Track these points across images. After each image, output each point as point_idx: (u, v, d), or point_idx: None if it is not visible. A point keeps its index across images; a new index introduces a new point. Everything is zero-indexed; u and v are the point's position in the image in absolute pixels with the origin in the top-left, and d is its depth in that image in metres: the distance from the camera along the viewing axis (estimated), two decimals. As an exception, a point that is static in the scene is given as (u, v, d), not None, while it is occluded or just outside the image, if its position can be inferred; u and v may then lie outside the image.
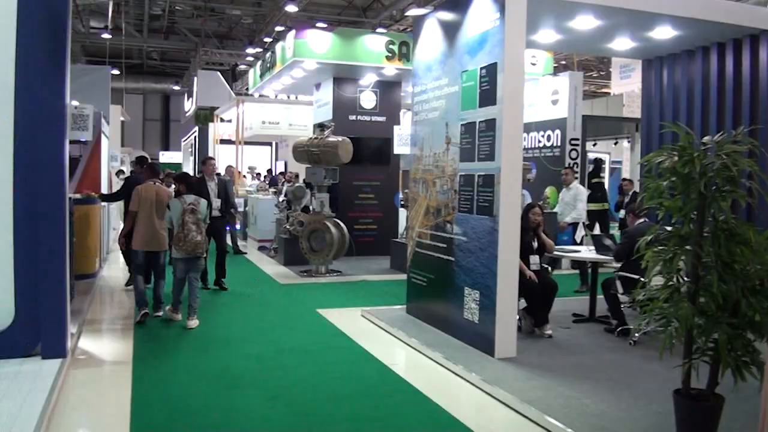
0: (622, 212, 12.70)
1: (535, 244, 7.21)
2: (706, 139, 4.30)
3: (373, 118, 13.87)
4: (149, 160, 9.91)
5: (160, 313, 7.88)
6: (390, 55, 12.66)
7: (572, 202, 10.48)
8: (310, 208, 12.17)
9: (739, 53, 8.06)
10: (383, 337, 7.22)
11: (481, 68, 6.45)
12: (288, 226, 11.88)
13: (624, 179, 13.31)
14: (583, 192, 10.59)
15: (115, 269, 10.02)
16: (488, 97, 6.33)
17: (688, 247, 4.12)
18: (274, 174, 23.05)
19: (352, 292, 9.77)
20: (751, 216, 7.04)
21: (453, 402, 5.21)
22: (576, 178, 11.20)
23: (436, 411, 5.00)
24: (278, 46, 14.05)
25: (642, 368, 5.93)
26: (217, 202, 9.70)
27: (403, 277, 8.47)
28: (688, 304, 4.03)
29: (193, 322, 7.52)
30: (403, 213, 12.06)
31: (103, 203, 9.95)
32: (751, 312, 3.95)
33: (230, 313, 8.35)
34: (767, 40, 7.73)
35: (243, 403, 5.08)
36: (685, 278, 4.22)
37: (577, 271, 10.65)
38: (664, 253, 4.18)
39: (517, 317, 6.77)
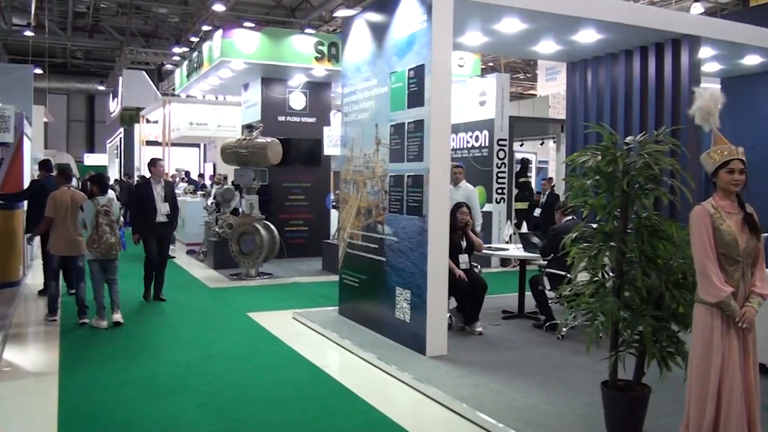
0: (538, 211, 13.02)
1: (464, 243, 7.29)
2: (628, 139, 4.44)
3: (303, 119, 13.79)
4: (53, 164, 9.54)
5: (86, 320, 7.64)
6: (319, 55, 12.62)
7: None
8: (240, 210, 12.02)
9: (661, 56, 8.33)
10: (315, 339, 7.18)
11: (410, 70, 6.49)
12: (217, 229, 11.70)
13: (544, 179, 13.61)
14: (473, 191, 10.73)
15: (39, 276, 9.66)
16: (416, 98, 6.38)
17: (612, 244, 4.25)
18: (199, 177, 22.64)
19: (284, 295, 9.68)
20: (673, 213, 7.28)
21: (386, 402, 5.21)
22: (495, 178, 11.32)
23: (369, 411, 4.99)
24: (205, 46, 13.82)
25: (570, 362, 6.06)
26: (164, 207, 9.12)
27: (335, 278, 8.45)
28: (614, 299, 4.15)
29: (117, 316, 7.61)
30: (334, 214, 12.03)
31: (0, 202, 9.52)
32: (674, 304, 4.10)
33: (159, 318, 8.16)
34: (689, 44, 8.01)
35: (173, 411, 4.96)
36: (610, 273, 4.35)
37: (505, 269, 10.83)
38: (589, 250, 4.30)
39: (448, 315, 6.83)
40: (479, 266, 7.76)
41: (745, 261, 3.59)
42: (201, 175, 23.69)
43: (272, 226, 11.15)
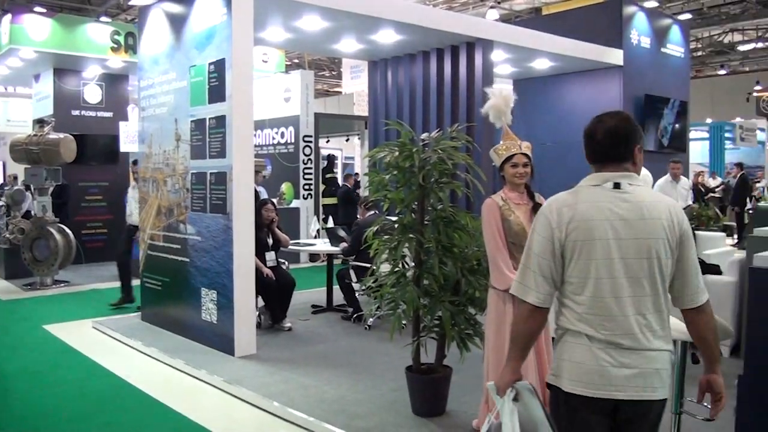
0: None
1: (270, 240, 7.27)
2: (424, 135, 4.65)
3: (99, 114, 12.98)
4: None
5: None
6: (115, 46, 11.92)
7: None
8: (32, 213, 11.10)
9: (456, 58, 8.81)
10: (118, 348, 6.80)
11: (210, 64, 6.35)
12: (7, 235, 10.72)
13: (347, 175, 13.92)
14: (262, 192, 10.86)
15: None
16: (217, 93, 6.25)
17: (411, 235, 4.43)
18: None
19: (83, 303, 9.08)
20: (469, 204, 7.71)
21: (196, 408, 5.06)
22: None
23: (178, 420, 4.82)
24: (-10, 32, 12.60)
25: (377, 350, 6.25)
26: None
27: (138, 282, 8.07)
28: (413, 287, 4.33)
29: None
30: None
31: None
32: (470, 289, 4.37)
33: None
34: (482, 47, 8.54)
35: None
36: (410, 264, 4.54)
37: (314, 264, 10.94)
38: (390, 242, 4.46)
39: (256, 314, 6.78)
40: (287, 263, 7.78)
41: None
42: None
43: (68, 230, 10.41)
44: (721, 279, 6.06)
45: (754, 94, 15.88)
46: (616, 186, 2.22)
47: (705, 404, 2.64)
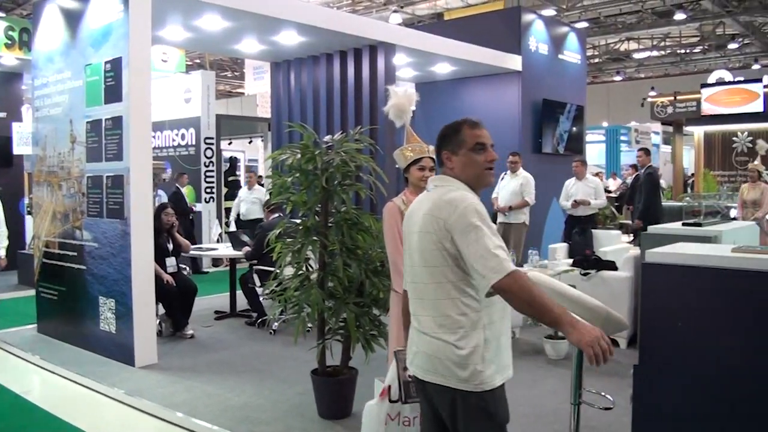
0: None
1: (171, 246, 7.09)
2: (327, 137, 4.64)
3: (-10, 114, 12.30)
4: None
5: None
6: (9, 42, 11.28)
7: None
8: None
9: (359, 61, 8.84)
10: (13, 363, 6.41)
11: (106, 62, 6.12)
12: None
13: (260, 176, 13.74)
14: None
15: None
16: (114, 93, 6.03)
17: (315, 238, 4.41)
18: None
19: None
20: (373, 207, 7.76)
21: (97, 422, 4.83)
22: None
23: (76, 434, 4.62)
24: None
25: (282, 354, 6.19)
26: None
27: (33, 292, 7.67)
28: (317, 290, 4.31)
29: None
30: (29, 221, 10.91)
31: None
32: (374, 291, 4.40)
33: None
34: (384, 51, 8.60)
35: None
36: (314, 266, 4.52)
37: (217, 269, 10.74)
38: (293, 245, 4.43)
39: (157, 322, 6.60)
40: (188, 268, 7.59)
41: None
42: None
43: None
44: (617, 275, 6.33)
45: (649, 99, 16.76)
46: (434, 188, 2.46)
47: (603, 394, 2.72)
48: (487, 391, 2.28)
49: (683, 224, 6.03)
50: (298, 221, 4.60)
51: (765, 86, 15.00)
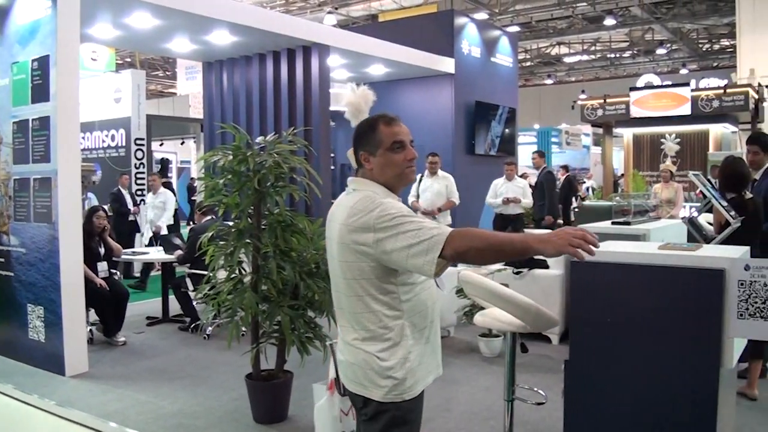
0: None
1: (102, 250, 6.91)
2: (259, 139, 4.60)
3: None
4: None
5: None
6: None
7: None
8: None
9: (293, 62, 8.79)
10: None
11: (33, 60, 5.91)
12: None
13: (192, 178, 13.53)
14: (171, 197, 10.46)
15: None
16: (41, 92, 5.84)
17: (248, 240, 4.37)
18: None
19: None
20: (308, 208, 7.72)
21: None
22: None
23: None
24: None
25: (217, 360, 6.10)
26: None
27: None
28: (251, 293, 4.27)
29: None
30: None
31: None
32: (309, 293, 4.37)
33: None
34: (317, 51, 8.58)
35: None
36: (247, 269, 4.47)
37: (150, 273, 10.50)
38: (226, 248, 4.37)
39: (88, 329, 6.42)
40: (119, 273, 7.42)
41: None
42: None
43: None
44: (548, 273, 6.46)
45: (579, 102, 17.20)
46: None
47: (536, 390, 2.77)
48: (408, 400, 2.26)
49: (612, 223, 6.20)
50: (231, 224, 4.55)
51: (692, 90, 15.53)
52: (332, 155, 10.13)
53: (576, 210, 12.37)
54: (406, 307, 2.25)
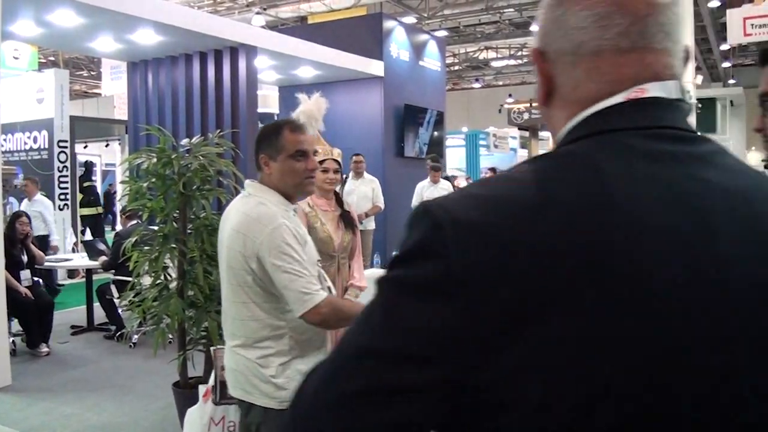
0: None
1: (25, 258, 6.68)
2: (184, 141, 4.52)
3: None
4: None
5: None
6: None
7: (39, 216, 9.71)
8: None
9: (220, 62, 8.68)
10: None
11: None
12: None
13: (110, 184, 13.19)
14: (49, 204, 10.02)
15: None
16: (-47, 94, 5.62)
17: (173, 245, 4.28)
18: None
19: None
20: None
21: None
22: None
23: None
24: None
25: (143, 368, 5.96)
26: None
27: None
28: (177, 299, 4.19)
29: None
30: None
31: None
32: (238, 297, 4.30)
33: None
34: (245, 53, 8.49)
35: None
36: (173, 275, 4.39)
37: (73, 280, 10.21)
38: (151, 253, 4.28)
39: (11, 340, 6.20)
40: (41, 281, 7.18)
41: (341, 255, 3.75)
42: None
43: None
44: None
45: (506, 105, 17.49)
46: None
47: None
48: None
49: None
50: (156, 228, 4.46)
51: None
52: (261, 158, 10.05)
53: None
54: (290, 316, 2.25)
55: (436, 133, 12.32)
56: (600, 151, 0.73)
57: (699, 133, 0.78)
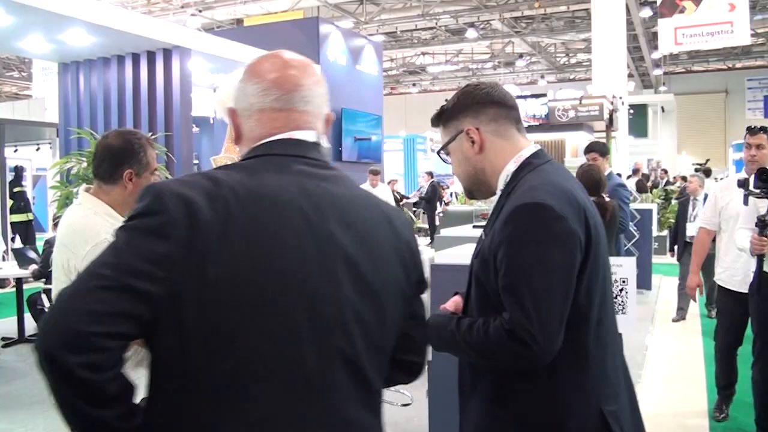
0: None
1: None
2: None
3: None
4: None
5: None
6: None
7: None
8: None
9: (153, 64, 8.54)
10: None
11: None
12: None
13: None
14: None
15: None
16: None
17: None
18: None
19: None
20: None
21: None
22: None
23: None
24: None
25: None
26: None
27: None
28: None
29: None
30: None
31: None
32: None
33: None
34: (179, 54, 8.38)
35: None
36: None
37: (3, 290, 9.86)
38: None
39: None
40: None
41: None
42: None
43: None
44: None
45: (443, 110, 17.80)
46: None
47: (402, 392, 2.82)
48: None
49: (474, 226, 6.43)
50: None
51: (549, 101, 16.40)
52: (196, 162, 9.91)
53: (441, 215, 12.72)
54: None
55: (373, 137, 12.37)
56: (261, 165, 1.25)
57: (327, 162, 1.34)
